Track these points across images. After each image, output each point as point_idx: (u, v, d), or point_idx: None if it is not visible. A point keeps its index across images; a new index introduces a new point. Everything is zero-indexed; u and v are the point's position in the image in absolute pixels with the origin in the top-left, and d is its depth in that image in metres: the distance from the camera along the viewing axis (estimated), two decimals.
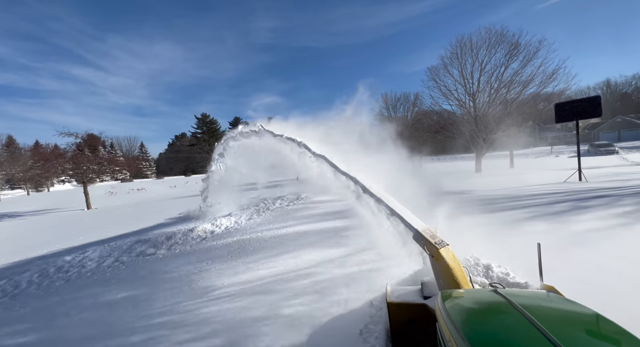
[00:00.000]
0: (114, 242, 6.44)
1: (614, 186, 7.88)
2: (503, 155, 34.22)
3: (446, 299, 1.52)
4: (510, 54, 17.29)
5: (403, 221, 2.61)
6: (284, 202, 10.04)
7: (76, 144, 18.04)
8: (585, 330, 1.13)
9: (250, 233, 6.34)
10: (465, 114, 19.61)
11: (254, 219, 7.80)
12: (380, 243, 3.76)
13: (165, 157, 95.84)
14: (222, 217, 8.04)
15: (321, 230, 5.94)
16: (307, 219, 7.16)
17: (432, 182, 9.09)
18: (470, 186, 10.30)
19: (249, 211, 8.91)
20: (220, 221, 7.45)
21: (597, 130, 50.36)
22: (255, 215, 8.29)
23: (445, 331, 1.29)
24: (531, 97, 17.38)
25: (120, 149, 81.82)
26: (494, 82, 17.86)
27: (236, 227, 7.07)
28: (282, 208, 9.15)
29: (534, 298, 1.47)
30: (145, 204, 17.27)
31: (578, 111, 9.67)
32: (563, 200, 6.49)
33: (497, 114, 17.98)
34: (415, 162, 13.00)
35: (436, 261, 2.13)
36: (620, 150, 30.89)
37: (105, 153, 75.88)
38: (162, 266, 4.80)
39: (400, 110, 36.34)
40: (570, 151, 37.73)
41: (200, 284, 3.87)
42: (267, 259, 4.55)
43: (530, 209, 5.87)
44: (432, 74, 20.30)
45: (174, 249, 5.67)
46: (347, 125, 5.76)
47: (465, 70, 18.71)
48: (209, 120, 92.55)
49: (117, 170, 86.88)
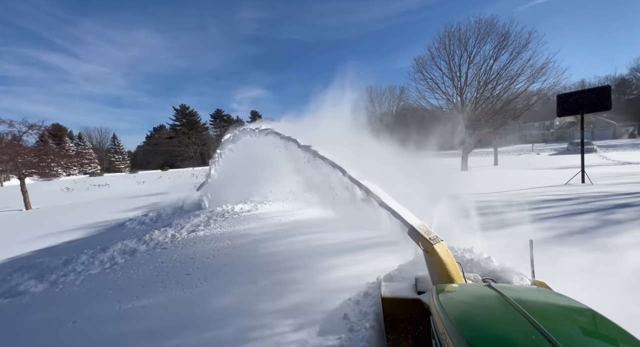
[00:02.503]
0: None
1: (628, 191, 6.83)
2: (485, 153, 34.19)
3: (440, 293, 1.53)
4: (500, 46, 16.42)
5: (398, 217, 2.57)
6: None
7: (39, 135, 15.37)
8: (575, 322, 1.16)
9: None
10: (452, 109, 18.74)
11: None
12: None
13: (143, 150, 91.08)
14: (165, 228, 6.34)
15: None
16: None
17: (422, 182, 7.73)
18: (461, 187, 9.08)
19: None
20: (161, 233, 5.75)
21: (573, 129, 51.71)
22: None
23: (440, 325, 1.31)
24: (522, 92, 16.60)
25: (90, 141, 75.87)
26: (482, 75, 17.04)
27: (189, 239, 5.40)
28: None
29: (526, 292, 1.50)
30: (98, 203, 15.08)
31: (584, 104, 8.56)
32: (582, 210, 5.28)
33: (485, 109, 17.20)
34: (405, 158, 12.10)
35: (430, 256, 2.12)
36: (597, 148, 31.48)
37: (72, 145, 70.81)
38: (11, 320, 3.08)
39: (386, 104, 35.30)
40: (549, 149, 38.29)
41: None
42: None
43: (548, 223, 4.60)
44: (419, 66, 19.26)
45: (60, 283, 3.93)
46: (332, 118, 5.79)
47: (453, 62, 17.81)
48: (188, 112, 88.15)
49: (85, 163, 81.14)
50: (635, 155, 22.59)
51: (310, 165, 4.40)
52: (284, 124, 7.22)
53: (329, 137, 4.94)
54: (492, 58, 16.76)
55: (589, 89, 8.63)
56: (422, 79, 19.09)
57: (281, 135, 5.31)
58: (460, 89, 17.87)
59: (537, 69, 15.76)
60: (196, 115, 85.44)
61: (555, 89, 16.55)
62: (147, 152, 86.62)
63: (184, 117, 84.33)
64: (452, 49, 17.77)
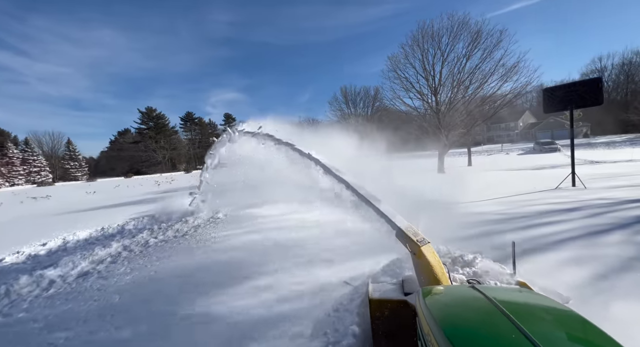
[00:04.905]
0: None
1: (631, 197, 5.98)
2: (458, 153, 34.51)
3: (426, 295, 1.55)
4: (473, 44, 16.11)
5: (386, 219, 2.59)
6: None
7: None
8: (554, 322, 1.19)
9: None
10: (427, 109, 18.18)
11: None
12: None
13: (106, 156, 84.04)
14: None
15: None
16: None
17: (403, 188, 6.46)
18: (444, 193, 7.95)
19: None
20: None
21: (535, 130, 54.48)
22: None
23: (425, 326, 1.34)
24: (495, 92, 16.35)
25: (40, 147, 68.16)
26: (456, 74, 16.63)
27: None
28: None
29: (509, 293, 1.55)
30: (24, 221, 12.26)
31: (573, 98, 7.79)
32: (601, 227, 4.19)
33: (459, 109, 16.77)
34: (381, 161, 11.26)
35: (417, 258, 2.15)
36: (561, 147, 32.93)
37: (17, 152, 63.29)
38: None
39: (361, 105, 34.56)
40: (517, 149, 39.67)
41: None
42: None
43: (569, 249, 3.39)
44: (393, 65, 18.50)
45: None
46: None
47: (427, 61, 17.25)
48: (155, 115, 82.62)
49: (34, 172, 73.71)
50: (596, 153, 23.38)
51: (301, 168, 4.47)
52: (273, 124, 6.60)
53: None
54: (465, 57, 16.46)
55: (577, 82, 7.83)
56: (397, 77, 18.41)
57: (292, 147, 4.90)
58: (434, 89, 17.37)
59: (509, 67, 15.57)
60: (164, 118, 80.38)
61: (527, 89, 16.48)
62: (111, 158, 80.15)
63: (151, 120, 78.96)
64: (426, 47, 17.30)
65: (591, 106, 7.67)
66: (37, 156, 60.56)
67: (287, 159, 4.93)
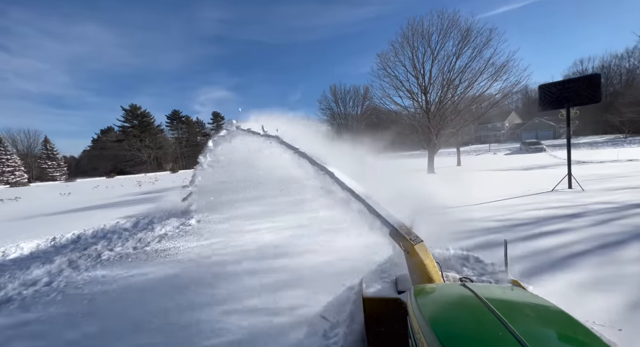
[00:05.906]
0: None
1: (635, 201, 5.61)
2: (447, 153, 34.52)
3: (417, 293, 1.54)
4: (462, 43, 15.82)
5: (380, 218, 2.58)
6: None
7: None
8: (543, 321, 1.17)
9: None
10: (417, 109, 17.84)
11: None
12: None
13: (88, 155, 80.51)
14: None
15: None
16: None
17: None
18: (436, 196, 7.46)
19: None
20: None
21: (520, 131, 55.46)
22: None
23: (415, 324, 1.32)
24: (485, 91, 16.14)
25: (14, 145, 64.63)
26: (446, 72, 16.32)
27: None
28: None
29: (500, 291, 1.51)
30: None
31: (570, 96, 7.45)
32: (610, 236, 3.71)
33: (449, 108, 16.48)
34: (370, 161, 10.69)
35: (411, 256, 2.15)
36: (546, 148, 33.50)
37: None
38: None
39: (350, 104, 34.08)
40: (504, 149, 40.12)
41: None
42: None
43: (586, 267, 2.88)
44: (383, 62, 18.04)
45: None
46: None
47: (416, 58, 16.87)
48: (140, 113, 79.61)
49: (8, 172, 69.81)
50: (581, 154, 23.66)
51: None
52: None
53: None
54: (455, 55, 16.16)
55: (574, 79, 7.45)
56: (387, 75, 17.97)
57: (298, 151, 4.63)
58: (424, 87, 17.03)
59: (499, 66, 15.37)
60: (149, 117, 77.65)
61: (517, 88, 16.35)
62: (93, 157, 77.00)
63: (135, 118, 76.11)
64: (416, 45, 16.91)
65: (588, 104, 7.33)
66: (10, 155, 57.43)
67: (274, 153, 4.82)
